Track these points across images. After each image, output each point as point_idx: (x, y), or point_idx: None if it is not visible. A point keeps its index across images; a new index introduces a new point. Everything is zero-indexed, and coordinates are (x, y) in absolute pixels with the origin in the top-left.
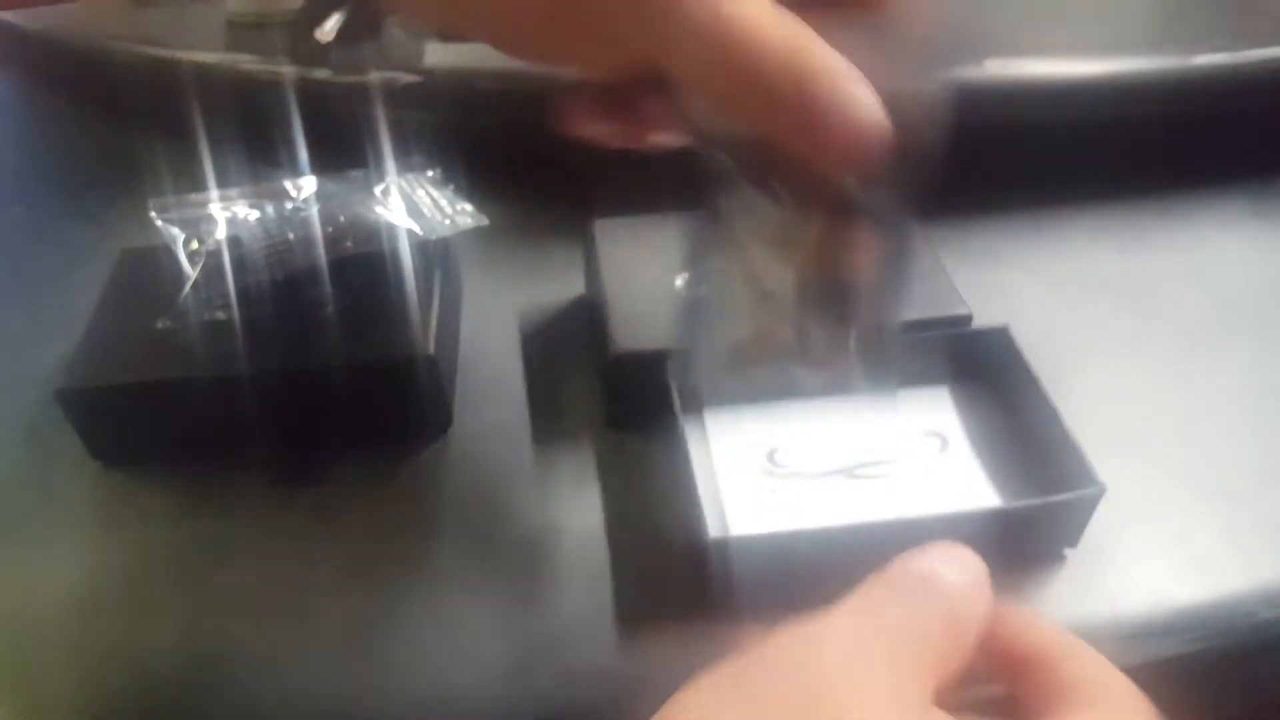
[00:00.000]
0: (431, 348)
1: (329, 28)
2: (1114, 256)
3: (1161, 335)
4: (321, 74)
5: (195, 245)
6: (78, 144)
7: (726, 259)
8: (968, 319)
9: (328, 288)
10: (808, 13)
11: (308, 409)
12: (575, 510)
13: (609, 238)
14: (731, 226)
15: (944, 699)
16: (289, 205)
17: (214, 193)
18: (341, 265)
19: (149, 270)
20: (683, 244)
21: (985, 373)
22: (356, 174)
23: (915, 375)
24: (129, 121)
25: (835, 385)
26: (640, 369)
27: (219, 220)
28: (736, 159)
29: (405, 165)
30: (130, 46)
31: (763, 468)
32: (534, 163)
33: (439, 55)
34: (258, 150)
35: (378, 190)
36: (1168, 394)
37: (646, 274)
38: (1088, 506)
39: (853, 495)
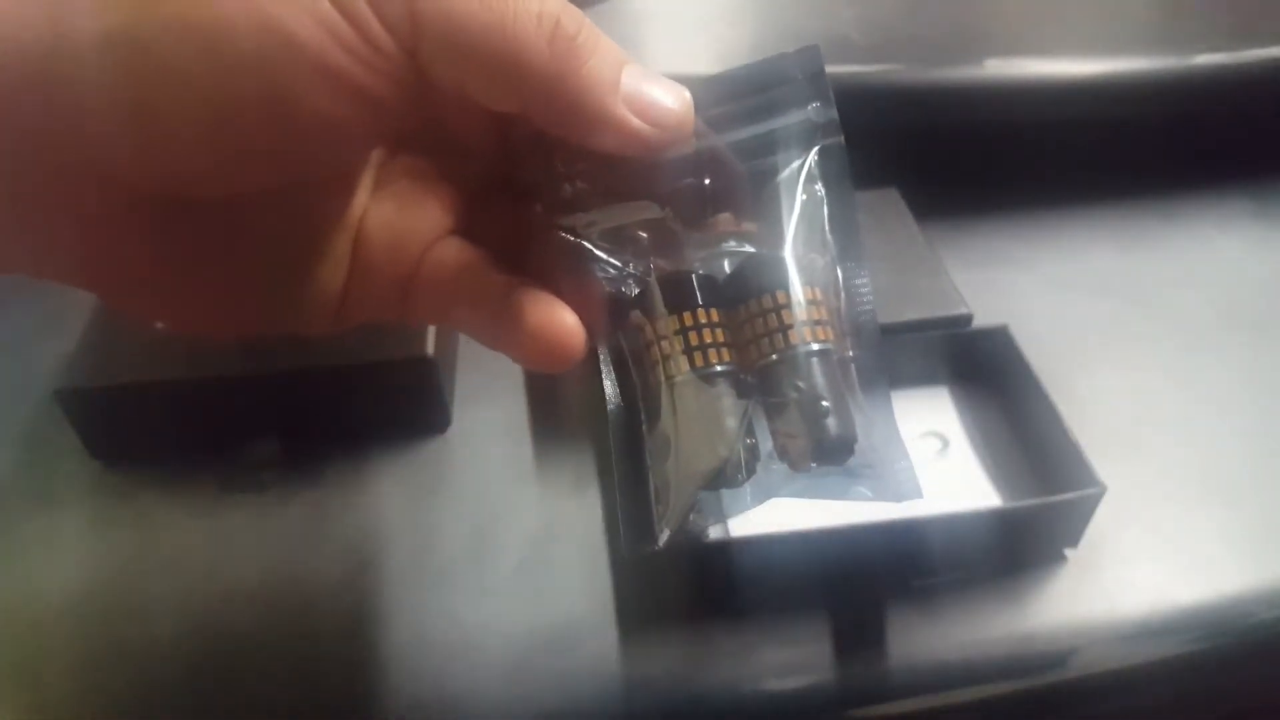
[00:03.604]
0: (430, 348)
1: None
2: (1114, 256)
3: (1161, 335)
4: None
5: None
6: None
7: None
8: (968, 319)
9: None
10: None
11: (307, 409)
12: (575, 510)
13: None
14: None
15: None
16: None
17: None
18: None
19: None
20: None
21: (985, 373)
22: None
23: (915, 375)
24: None
25: (830, 477)
26: None
27: None
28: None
29: None
30: None
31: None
32: None
33: None
34: None
35: None
36: (1168, 394)
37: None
38: (1088, 506)
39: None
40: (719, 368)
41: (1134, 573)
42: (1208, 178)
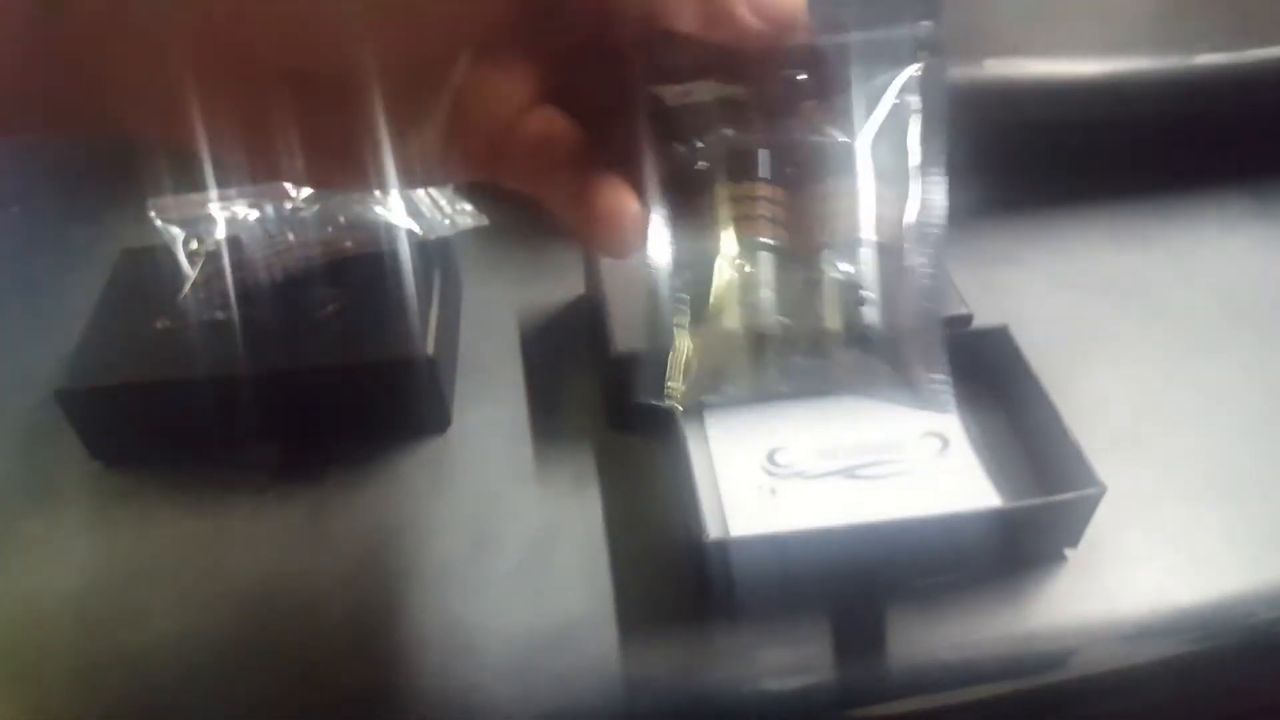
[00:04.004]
0: (431, 348)
1: None
2: (1114, 256)
3: (1161, 335)
4: None
5: (195, 245)
6: (77, 143)
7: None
8: (968, 319)
9: (327, 288)
10: None
11: (307, 409)
12: (575, 510)
13: None
14: (713, 217)
15: None
16: (288, 205)
17: (214, 193)
18: (341, 265)
19: (149, 270)
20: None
21: (985, 373)
22: None
23: None
24: None
25: (860, 384)
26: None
27: (219, 220)
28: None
29: None
30: None
31: (762, 468)
32: None
33: None
34: None
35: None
36: (1168, 394)
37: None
38: (1088, 506)
39: (852, 496)
40: (771, 242)
41: (1134, 573)
42: (1208, 178)
